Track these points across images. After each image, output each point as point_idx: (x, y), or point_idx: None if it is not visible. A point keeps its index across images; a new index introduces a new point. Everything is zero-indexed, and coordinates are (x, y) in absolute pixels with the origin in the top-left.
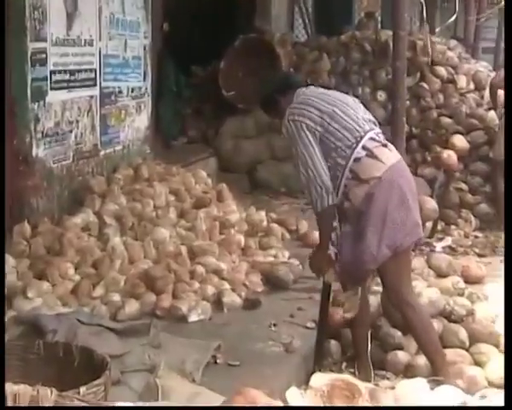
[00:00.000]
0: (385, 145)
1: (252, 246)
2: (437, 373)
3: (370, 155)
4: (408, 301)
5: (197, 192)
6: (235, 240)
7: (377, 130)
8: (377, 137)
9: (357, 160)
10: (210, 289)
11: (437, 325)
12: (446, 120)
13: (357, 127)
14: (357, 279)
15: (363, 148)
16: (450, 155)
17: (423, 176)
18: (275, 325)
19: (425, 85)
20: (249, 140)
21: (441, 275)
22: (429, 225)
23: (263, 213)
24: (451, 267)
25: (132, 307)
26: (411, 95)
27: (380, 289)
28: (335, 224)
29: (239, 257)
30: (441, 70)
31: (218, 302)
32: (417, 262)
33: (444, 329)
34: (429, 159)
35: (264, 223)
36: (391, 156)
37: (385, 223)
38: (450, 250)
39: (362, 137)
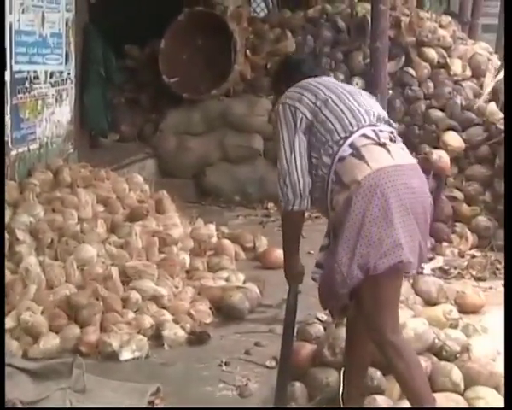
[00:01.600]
0: (382, 144)
1: (199, 267)
2: None
3: (356, 154)
4: (391, 342)
5: (131, 201)
6: (179, 260)
7: (382, 127)
8: (372, 134)
9: (341, 159)
10: (147, 321)
11: (424, 363)
12: (437, 114)
13: (352, 120)
14: (331, 305)
15: (350, 145)
16: (441, 157)
17: None
18: (226, 364)
19: (411, 71)
20: (196, 138)
21: (430, 303)
22: None
23: (212, 228)
24: (443, 293)
25: (50, 342)
26: (394, 83)
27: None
28: (326, 242)
29: (183, 281)
30: (431, 52)
31: (156, 337)
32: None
33: (433, 368)
34: (416, 161)
35: (214, 239)
36: (383, 158)
37: (359, 237)
38: (442, 273)
39: (353, 133)
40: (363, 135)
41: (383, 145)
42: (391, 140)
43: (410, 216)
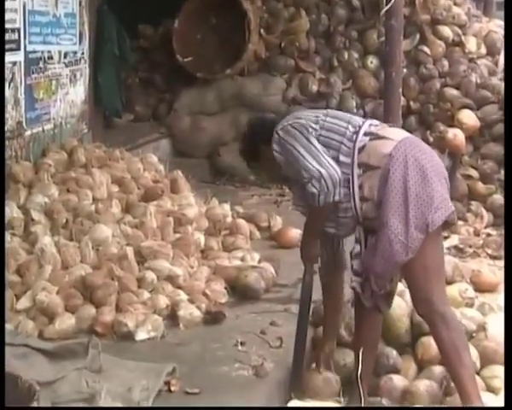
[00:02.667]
0: (390, 126)
1: (214, 247)
2: (467, 403)
3: (375, 137)
4: (442, 313)
5: (146, 181)
6: (194, 240)
7: (372, 120)
8: (377, 123)
9: (361, 149)
10: (162, 301)
11: None
12: (452, 92)
13: (356, 117)
14: (385, 284)
15: (365, 134)
16: (456, 135)
17: None
18: (242, 343)
19: (426, 49)
20: (210, 117)
21: (446, 282)
22: None
23: (227, 207)
24: (458, 272)
25: (66, 322)
26: (409, 61)
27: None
28: (358, 248)
29: (198, 261)
30: (446, 30)
31: (172, 316)
32: None
33: None
34: (431, 139)
35: (229, 219)
36: (399, 132)
37: (407, 201)
38: (457, 251)
39: (361, 126)
40: (371, 124)
41: (391, 127)
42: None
43: (438, 175)
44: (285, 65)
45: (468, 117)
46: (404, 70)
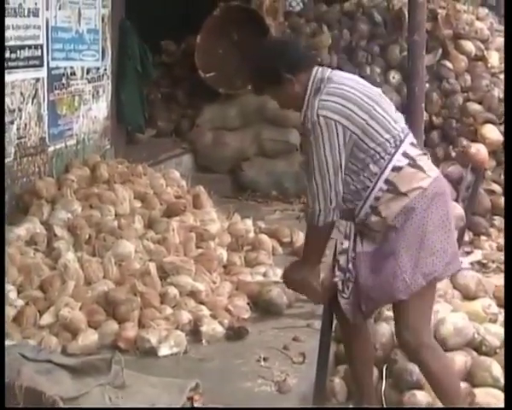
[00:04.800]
0: (425, 154)
1: (236, 262)
2: None
3: (413, 164)
4: (428, 344)
5: (169, 197)
6: (216, 255)
7: (411, 133)
8: (415, 143)
9: (396, 169)
10: (185, 316)
11: (464, 358)
12: (475, 107)
13: (398, 129)
14: (376, 309)
15: (405, 155)
16: (479, 150)
17: (447, 175)
18: (265, 359)
19: (448, 64)
20: (233, 132)
21: (469, 297)
22: None
23: (249, 222)
24: (481, 287)
25: (89, 338)
26: (431, 76)
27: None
28: (346, 244)
29: (220, 276)
30: (468, 45)
31: (195, 332)
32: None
33: (473, 363)
34: (454, 154)
35: (252, 234)
36: (433, 167)
37: (422, 246)
38: (480, 266)
39: (402, 142)
40: (412, 144)
41: (426, 154)
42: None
43: (453, 227)
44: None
45: (491, 132)
46: (427, 85)
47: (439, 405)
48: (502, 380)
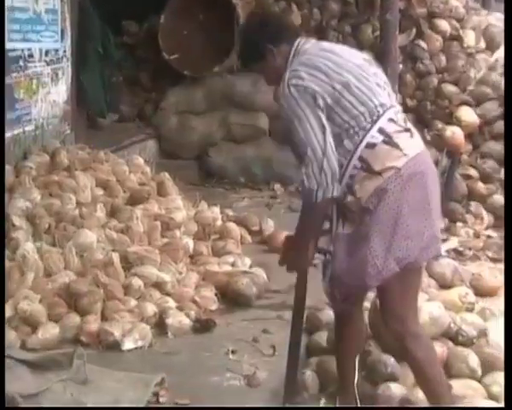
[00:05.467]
0: (407, 130)
1: (203, 252)
2: None
3: (388, 141)
4: (414, 332)
5: (132, 184)
6: (182, 245)
7: (397, 107)
8: (397, 119)
9: (370, 146)
10: (150, 309)
11: (440, 348)
12: (450, 88)
13: (376, 102)
14: (351, 295)
15: (380, 131)
16: (455, 133)
17: None
18: (233, 352)
19: (422, 44)
20: (199, 116)
21: (445, 286)
22: None
23: (217, 210)
24: (458, 276)
25: (50, 331)
26: (405, 56)
27: (367, 304)
28: (328, 225)
29: (187, 266)
30: (443, 24)
31: (160, 325)
32: None
33: (449, 354)
34: (429, 138)
35: (219, 222)
36: (414, 145)
37: (396, 229)
38: (457, 254)
39: (379, 117)
40: (391, 120)
41: (408, 130)
42: (405, 120)
43: (437, 202)
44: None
45: (467, 114)
46: (400, 66)
47: (415, 396)
48: (479, 371)
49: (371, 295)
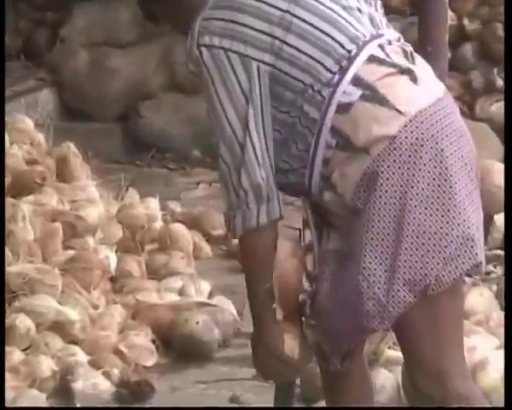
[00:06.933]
0: (404, 70)
1: (133, 272)
2: None
3: (370, 95)
4: (459, 393)
5: (16, 162)
6: (98, 260)
7: (388, 34)
8: (385, 54)
9: (343, 108)
10: (46, 366)
11: None
12: None
13: (343, 38)
14: (349, 343)
15: (356, 81)
16: None
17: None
18: None
19: None
20: (124, 51)
21: None
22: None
23: (155, 204)
24: None
25: None
26: None
27: (398, 354)
28: (309, 238)
29: (106, 296)
30: None
31: (63, 392)
32: (474, 298)
33: None
34: (501, 86)
35: (159, 224)
36: (417, 94)
37: (400, 235)
38: None
39: (352, 59)
40: (373, 59)
41: (408, 72)
42: (406, 55)
43: (473, 182)
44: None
45: None
46: None
47: None
48: None
49: None
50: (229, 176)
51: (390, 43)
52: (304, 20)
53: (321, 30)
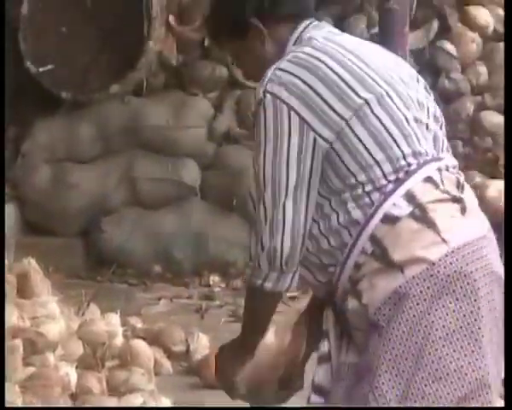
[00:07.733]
0: (456, 200)
1: (93, 389)
2: None
3: (420, 215)
4: None
5: None
6: (58, 377)
7: (445, 160)
8: (441, 179)
9: (389, 219)
10: None
11: None
12: (494, 119)
13: (405, 149)
14: None
15: (408, 197)
16: (501, 192)
17: None
18: None
19: (449, 47)
20: (86, 166)
21: None
22: None
23: (116, 320)
24: None
25: None
26: (421, 66)
27: None
28: (326, 347)
29: None
30: (482, 14)
31: None
32: None
33: None
34: None
35: (119, 340)
36: (464, 227)
37: (420, 363)
38: None
39: (410, 173)
40: (429, 180)
41: (460, 201)
42: (458, 185)
43: (497, 329)
44: (212, 76)
45: None
46: None
47: None
48: None
49: None
50: (267, 230)
51: (447, 169)
52: (377, 117)
53: (390, 134)
